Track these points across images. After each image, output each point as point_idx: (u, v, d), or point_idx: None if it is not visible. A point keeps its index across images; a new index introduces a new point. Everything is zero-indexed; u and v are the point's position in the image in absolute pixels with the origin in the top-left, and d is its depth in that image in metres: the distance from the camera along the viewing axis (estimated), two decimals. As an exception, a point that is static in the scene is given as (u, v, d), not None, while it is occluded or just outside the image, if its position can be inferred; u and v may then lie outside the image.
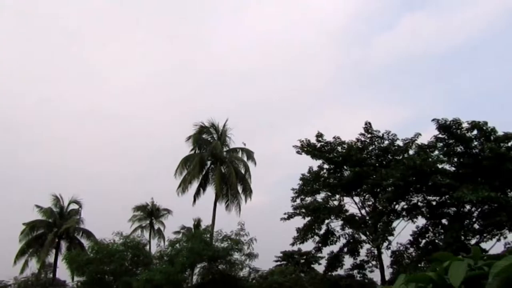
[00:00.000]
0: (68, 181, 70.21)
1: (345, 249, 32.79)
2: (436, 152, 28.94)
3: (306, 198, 32.24)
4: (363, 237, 32.18)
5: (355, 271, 33.55)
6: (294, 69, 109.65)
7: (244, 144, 36.83)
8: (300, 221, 32.32)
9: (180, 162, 35.73)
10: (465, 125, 27.74)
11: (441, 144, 28.79)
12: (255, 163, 36.10)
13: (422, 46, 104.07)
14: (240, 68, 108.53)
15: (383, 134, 31.62)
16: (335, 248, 32.95)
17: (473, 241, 28.08)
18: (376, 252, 31.79)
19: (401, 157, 30.33)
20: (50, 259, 41.16)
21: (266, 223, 61.22)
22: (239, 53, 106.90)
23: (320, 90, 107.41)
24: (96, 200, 70.31)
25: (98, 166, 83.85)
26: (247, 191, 35.53)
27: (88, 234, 40.58)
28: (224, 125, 36.87)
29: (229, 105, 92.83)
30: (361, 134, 31.71)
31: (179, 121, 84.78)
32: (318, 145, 31.82)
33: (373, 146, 31.79)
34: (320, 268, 37.04)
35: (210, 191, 36.03)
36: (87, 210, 44.66)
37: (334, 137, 31.90)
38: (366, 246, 32.51)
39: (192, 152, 36.41)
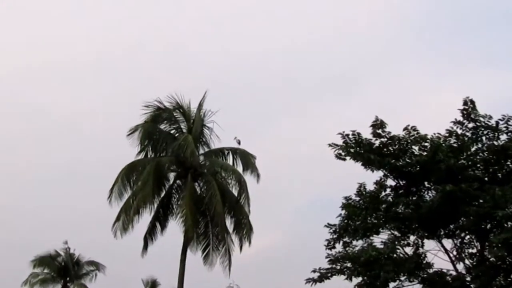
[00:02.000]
0: None
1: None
2: None
3: (354, 242, 22.07)
4: (461, 314, 22.49)
5: None
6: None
7: (238, 142, 24.25)
8: (343, 284, 21.99)
9: (119, 175, 22.65)
10: None
11: None
12: (258, 176, 23.82)
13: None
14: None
15: (497, 122, 20.73)
16: (407, 334, 23.69)
17: None
18: None
19: (530, 164, 20.98)
20: None
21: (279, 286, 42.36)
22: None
23: (374, 54, 71.03)
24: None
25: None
26: (244, 228, 23.20)
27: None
28: (200, 105, 23.35)
29: (215, 80, 58.31)
30: (456, 122, 20.76)
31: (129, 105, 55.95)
32: (377, 142, 21.05)
33: (479, 145, 21.27)
34: None
35: (175, 228, 23.72)
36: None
37: (406, 129, 20.94)
38: (466, 330, 22.96)
39: (141, 156, 23.69)
